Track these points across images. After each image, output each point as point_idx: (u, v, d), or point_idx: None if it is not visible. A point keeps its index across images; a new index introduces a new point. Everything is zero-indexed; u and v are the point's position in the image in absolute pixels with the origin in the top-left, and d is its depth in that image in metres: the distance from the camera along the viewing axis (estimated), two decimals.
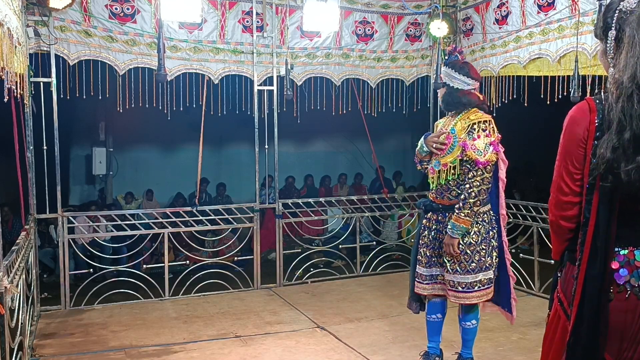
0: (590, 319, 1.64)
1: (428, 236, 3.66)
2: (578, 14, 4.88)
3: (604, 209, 1.63)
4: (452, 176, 3.48)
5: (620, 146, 1.56)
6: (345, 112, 6.49)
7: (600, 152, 1.60)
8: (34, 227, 5.27)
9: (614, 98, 1.60)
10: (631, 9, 1.63)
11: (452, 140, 3.49)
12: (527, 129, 9.62)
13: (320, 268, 6.79)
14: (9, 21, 3.19)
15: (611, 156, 1.57)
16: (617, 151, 1.56)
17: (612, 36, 1.68)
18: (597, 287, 1.64)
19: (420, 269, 3.69)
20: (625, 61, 1.60)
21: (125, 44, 5.50)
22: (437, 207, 3.61)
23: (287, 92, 5.89)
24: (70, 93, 5.33)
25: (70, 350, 4.44)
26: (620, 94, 1.58)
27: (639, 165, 1.54)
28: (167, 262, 5.87)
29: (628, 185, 1.56)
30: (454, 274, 3.51)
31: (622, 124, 1.56)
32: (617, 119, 1.57)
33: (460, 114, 3.55)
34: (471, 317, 3.66)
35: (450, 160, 3.48)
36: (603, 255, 1.64)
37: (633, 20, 1.61)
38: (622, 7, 1.65)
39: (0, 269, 2.99)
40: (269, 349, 4.38)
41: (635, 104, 1.55)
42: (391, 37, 6.56)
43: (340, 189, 9.95)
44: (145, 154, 9.93)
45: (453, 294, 3.55)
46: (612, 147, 1.57)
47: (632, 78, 1.56)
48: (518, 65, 5.68)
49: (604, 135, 1.61)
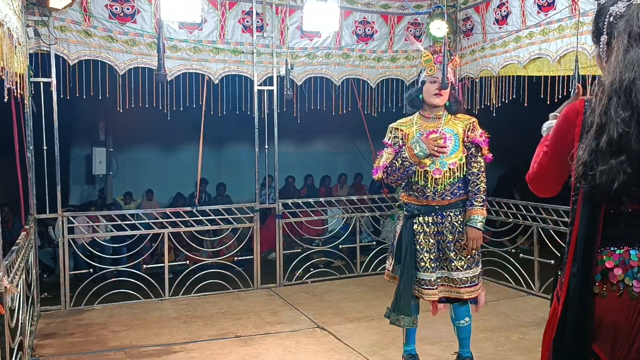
0: (573, 315, 1.69)
1: (426, 240, 3.56)
2: (578, 14, 4.88)
3: (585, 209, 1.68)
4: (462, 174, 3.54)
5: (597, 149, 1.60)
6: (345, 112, 6.49)
7: (579, 154, 1.64)
8: (34, 227, 5.27)
9: (597, 101, 1.63)
10: (621, 13, 1.65)
11: (453, 141, 3.53)
12: (527, 129, 9.60)
13: (320, 268, 6.79)
14: (9, 21, 3.19)
15: (588, 158, 1.61)
16: (593, 154, 1.60)
17: (604, 40, 1.71)
18: (578, 283, 1.69)
19: (425, 275, 3.54)
20: (609, 66, 1.63)
21: (125, 44, 5.50)
22: (433, 209, 3.56)
23: (287, 92, 5.89)
24: (70, 93, 5.33)
25: (70, 350, 4.44)
26: (602, 97, 1.62)
27: (611, 167, 1.57)
28: (167, 262, 5.87)
29: (601, 187, 1.59)
30: (465, 270, 3.55)
31: (601, 127, 1.60)
32: (597, 122, 1.61)
33: (445, 116, 3.60)
34: (464, 314, 3.69)
35: (458, 159, 3.53)
36: (582, 253, 1.68)
37: (621, 25, 1.63)
38: (612, 12, 1.67)
39: (0, 269, 2.99)
40: (269, 349, 4.38)
41: (613, 107, 1.58)
42: (391, 37, 6.57)
43: (340, 189, 9.96)
44: (145, 154, 9.93)
45: (465, 290, 3.57)
46: (590, 150, 1.61)
47: (612, 83, 1.60)
48: (518, 65, 5.68)
49: (585, 135, 1.66)
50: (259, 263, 6.21)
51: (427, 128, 3.59)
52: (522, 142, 10.59)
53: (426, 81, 3.60)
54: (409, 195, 3.62)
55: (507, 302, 5.50)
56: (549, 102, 5.19)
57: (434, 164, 3.51)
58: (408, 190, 3.63)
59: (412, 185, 3.59)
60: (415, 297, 3.59)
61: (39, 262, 6.00)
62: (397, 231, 3.69)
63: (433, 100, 3.56)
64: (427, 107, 3.62)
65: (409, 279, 3.54)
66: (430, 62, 3.60)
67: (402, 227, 3.62)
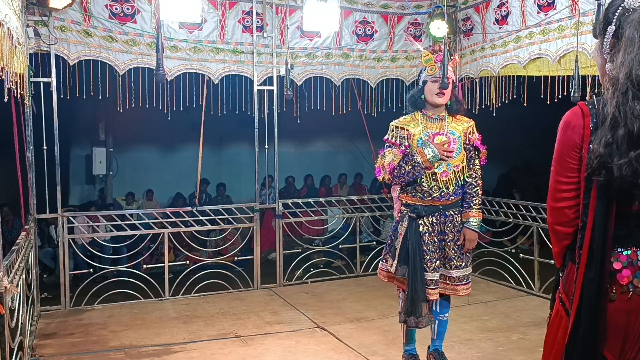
0: (588, 322, 1.65)
1: (431, 240, 3.56)
2: (578, 14, 4.88)
3: (601, 206, 1.63)
4: (465, 175, 3.59)
5: (613, 142, 1.57)
6: (345, 112, 6.49)
7: (594, 147, 1.62)
8: (34, 227, 5.27)
9: (610, 94, 1.61)
10: (635, 7, 1.64)
11: (457, 143, 3.56)
12: (527, 129, 9.63)
13: (320, 268, 6.79)
14: (9, 21, 3.19)
15: (604, 151, 1.58)
16: (610, 147, 1.57)
17: (610, 31, 1.68)
18: (594, 290, 1.64)
19: (430, 274, 3.54)
20: (622, 58, 1.60)
21: (125, 44, 5.50)
22: (437, 209, 3.57)
23: (287, 92, 5.89)
24: (70, 93, 5.33)
25: (70, 350, 4.44)
26: (615, 90, 1.60)
27: (631, 160, 1.54)
28: (167, 262, 5.87)
29: (620, 180, 1.56)
30: (463, 268, 3.63)
31: (616, 120, 1.58)
32: (612, 115, 1.59)
33: (447, 117, 3.61)
34: (448, 309, 3.79)
35: (461, 161, 3.57)
36: (600, 258, 1.64)
37: (634, 19, 1.62)
38: (625, 4, 1.66)
39: (0, 269, 2.99)
40: (269, 349, 4.38)
41: (630, 100, 1.57)
42: (391, 37, 6.57)
43: (340, 189, 9.96)
44: (145, 154, 9.93)
45: (461, 288, 3.64)
46: (605, 142, 1.58)
47: (627, 75, 1.58)
48: (518, 65, 5.68)
49: (597, 131, 1.63)
50: (259, 263, 6.21)
51: (432, 129, 3.57)
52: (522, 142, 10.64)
53: (428, 81, 3.58)
54: (413, 196, 3.58)
55: (507, 302, 5.50)
56: (549, 102, 5.19)
57: (442, 166, 3.52)
58: (411, 191, 3.58)
59: (416, 186, 3.55)
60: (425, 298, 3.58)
61: (39, 262, 6.01)
62: (400, 232, 3.60)
63: (436, 99, 3.55)
64: (429, 107, 3.61)
65: (421, 280, 3.52)
66: (431, 61, 3.59)
67: (407, 228, 3.55)
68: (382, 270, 3.83)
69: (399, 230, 3.63)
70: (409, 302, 3.51)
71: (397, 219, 3.72)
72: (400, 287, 3.64)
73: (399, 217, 3.67)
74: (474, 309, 5.24)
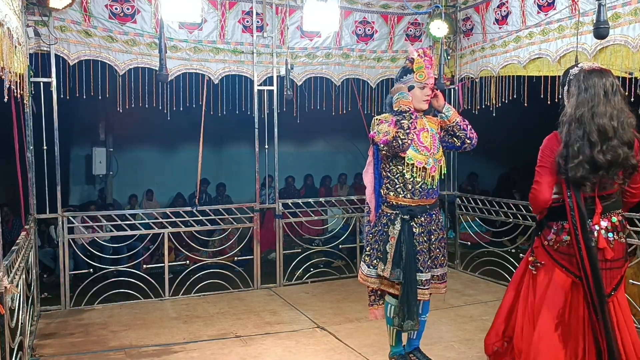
0: (596, 278, 2.72)
1: (422, 240, 3.57)
2: (578, 14, 4.88)
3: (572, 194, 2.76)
4: (444, 170, 3.69)
5: (567, 155, 2.72)
6: (345, 112, 6.49)
7: (557, 160, 2.76)
8: (34, 227, 5.27)
9: (562, 126, 2.79)
10: (574, 73, 2.82)
11: (436, 138, 3.66)
12: (527, 129, 9.60)
13: (320, 268, 6.80)
14: (9, 21, 3.19)
15: (562, 162, 2.74)
16: (565, 158, 2.72)
17: (565, 89, 2.88)
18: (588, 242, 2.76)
19: (423, 275, 3.56)
20: (569, 103, 2.81)
21: (125, 44, 5.50)
22: (425, 208, 3.58)
23: (287, 92, 5.89)
24: (70, 93, 5.34)
25: (70, 350, 4.44)
26: (565, 124, 2.77)
27: (573, 165, 2.70)
28: (167, 262, 5.87)
29: (573, 179, 2.72)
30: (445, 266, 3.74)
31: (567, 141, 2.73)
32: (565, 138, 2.74)
33: (423, 117, 3.67)
34: (428, 310, 3.84)
35: (441, 156, 3.68)
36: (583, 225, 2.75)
37: (573, 79, 2.83)
38: (570, 73, 2.86)
39: (0, 269, 2.99)
40: (269, 349, 4.38)
41: (572, 130, 2.73)
42: (391, 37, 6.57)
43: (340, 189, 9.96)
44: (145, 154, 9.93)
45: (443, 286, 3.75)
46: (563, 156, 2.74)
47: (570, 115, 2.76)
48: (518, 65, 5.68)
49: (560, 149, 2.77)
50: (259, 263, 6.21)
51: (411, 121, 3.52)
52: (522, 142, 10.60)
53: (415, 87, 3.57)
54: (404, 196, 3.55)
55: None
56: (549, 102, 5.19)
57: (430, 161, 3.57)
58: (401, 191, 3.56)
59: (406, 184, 3.54)
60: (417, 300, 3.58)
61: (39, 262, 6.01)
62: (392, 235, 3.55)
63: (422, 105, 3.61)
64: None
65: (415, 283, 3.51)
66: (422, 68, 3.57)
67: (399, 230, 3.51)
68: (370, 277, 3.69)
69: (389, 233, 3.57)
70: (405, 305, 3.49)
71: (372, 222, 3.69)
72: (387, 292, 3.63)
73: (376, 220, 3.66)
74: (474, 309, 5.24)
